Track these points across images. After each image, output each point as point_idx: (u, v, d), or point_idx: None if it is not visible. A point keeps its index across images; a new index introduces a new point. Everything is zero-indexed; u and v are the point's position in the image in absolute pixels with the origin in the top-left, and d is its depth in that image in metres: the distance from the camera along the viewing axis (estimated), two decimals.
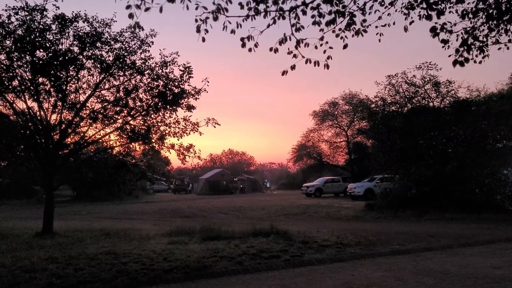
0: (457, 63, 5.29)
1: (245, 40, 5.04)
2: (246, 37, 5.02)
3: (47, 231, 12.53)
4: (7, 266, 7.76)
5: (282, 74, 5.49)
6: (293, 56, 5.36)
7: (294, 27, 5.17)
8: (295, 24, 5.15)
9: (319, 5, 5.16)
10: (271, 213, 20.96)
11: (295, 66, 5.42)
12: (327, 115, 41.92)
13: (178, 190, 53.98)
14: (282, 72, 5.48)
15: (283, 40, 5.17)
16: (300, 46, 5.25)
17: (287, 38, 5.17)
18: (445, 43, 5.45)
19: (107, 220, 18.82)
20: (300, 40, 5.24)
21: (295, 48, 5.29)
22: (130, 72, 13.30)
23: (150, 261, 8.18)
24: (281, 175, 75.37)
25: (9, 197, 36.48)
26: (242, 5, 4.92)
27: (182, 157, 14.10)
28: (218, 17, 4.72)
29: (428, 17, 5.23)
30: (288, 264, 8.22)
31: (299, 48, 5.28)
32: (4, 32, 11.66)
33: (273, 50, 5.27)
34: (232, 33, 4.97)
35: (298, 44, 5.25)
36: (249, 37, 5.02)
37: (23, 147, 13.27)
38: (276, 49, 5.27)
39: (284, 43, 5.19)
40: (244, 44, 5.05)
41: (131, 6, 4.34)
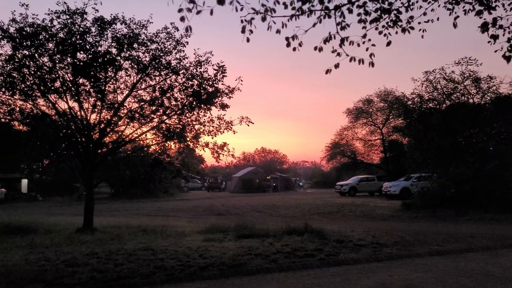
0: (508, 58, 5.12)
1: (290, 39, 5.06)
2: (291, 37, 5.05)
3: (88, 227, 12.96)
4: (51, 260, 8.09)
5: (326, 72, 5.46)
6: (337, 54, 5.33)
7: (340, 26, 5.15)
8: (340, 22, 5.13)
9: (365, 3, 5.13)
10: (304, 211, 20.86)
11: (339, 65, 5.38)
12: (361, 112, 41.27)
13: (211, 188, 54.55)
14: (326, 71, 5.46)
15: (328, 38, 5.15)
16: (345, 44, 5.21)
17: (332, 37, 5.15)
18: (495, 39, 5.27)
19: (143, 217, 19.26)
20: (344, 38, 5.21)
21: (339, 46, 5.26)
22: (166, 72, 13.55)
23: (186, 257, 8.33)
24: (314, 173, 74.79)
25: (51, 194, 37.99)
26: (286, 5, 4.94)
27: (216, 155, 14.25)
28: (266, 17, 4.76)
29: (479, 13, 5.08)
30: (323, 263, 8.18)
31: (343, 46, 5.25)
32: (47, 36, 12.14)
33: (318, 49, 5.27)
34: (277, 33, 5.01)
35: (343, 42, 5.21)
36: (294, 36, 5.04)
37: (65, 146, 13.78)
38: (320, 48, 5.27)
39: (329, 41, 5.17)
40: (289, 44, 5.08)
41: (182, 10, 4.42)
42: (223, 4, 4.48)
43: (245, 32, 4.87)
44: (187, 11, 4.44)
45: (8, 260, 8.20)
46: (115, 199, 36.36)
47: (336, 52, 5.34)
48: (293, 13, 4.96)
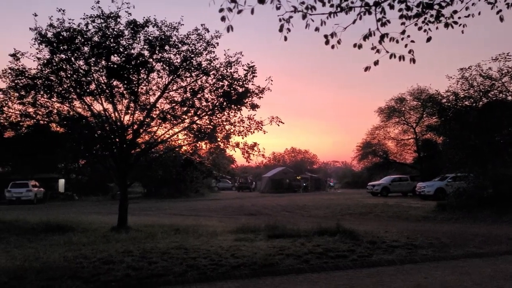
0: None
1: (328, 37, 5.02)
2: (330, 34, 5.01)
3: (122, 226, 13.27)
4: (88, 258, 8.33)
5: (365, 70, 5.37)
6: (376, 51, 5.25)
7: (380, 22, 5.07)
8: (380, 18, 5.05)
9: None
10: (335, 212, 20.64)
11: (378, 62, 5.29)
12: (394, 111, 40.45)
13: (241, 188, 54.79)
14: (365, 68, 5.37)
15: (368, 35, 5.08)
16: (384, 41, 5.13)
17: (371, 33, 5.08)
18: None
19: (175, 217, 19.54)
20: (384, 34, 5.12)
21: (378, 43, 5.18)
22: (196, 73, 13.69)
23: (218, 256, 8.39)
24: (345, 173, 73.92)
25: (87, 194, 39.15)
26: (324, 3, 4.91)
27: (246, 155, 14.30)
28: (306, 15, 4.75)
29: None
30: (355, 264, 8.07)
31: (382, 43, 5.16)
32: (83, 40, 12.51)
33: (357, 46, 5.21)
34: (316, 31, 4.99)
35: (382, 39, 5.13)
36: (333, 34, 5.01)
37: (100, 147, 14.15)
38: (360, 45, 5.20)
39: (368, 38, 5.10)
40: (327, 41, 5.04)
41: (224, 10, 4.45)
42: (263, 3, 4.49)
43: (282, 30, 4.87)
44: (228, 10, 4.46)
45: (48, 257, 8.49)
46: (148, 198, 37.07)
47: (376, 49, 5.25)
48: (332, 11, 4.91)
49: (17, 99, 12.77)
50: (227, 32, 4.57)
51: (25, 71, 12.71)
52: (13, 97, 12.77)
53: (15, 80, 12.68)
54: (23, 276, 6.94)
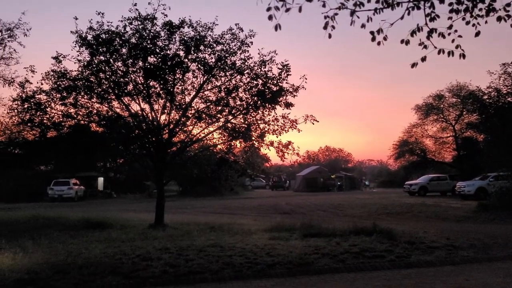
0: None
1: (375, 33, 4.96)
2: (376, 31, 4.95)
3: (159, 223, 13.54)
4: (127, 254, 8.55)
5: (411, 66, 5.26)
6: (424, 47, 5.13)
7: (429, 17, 4.95)
8: (429, 13, 4.93)
9: None
10: (371, 211, 20.29)
11: (426, 58, 5.17)
12: (432, 108, 39.28)
13: (275, 187, 54.74)
14: (412, 64, 5.26)
15: (416, 30, 4.98)
16: (432, 36, 5.00)
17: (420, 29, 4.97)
18: None
19: (210, 215, 19.76)
20: (433, 29, 5.00)
21: (426, 38, 5.06)
22: (231, 73, 13.80)
23: (254, 255, 8.42)
24: (380, 172, 72.57)
25: (124, 192, 40.22)
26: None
27: (281, 154, 14.29)
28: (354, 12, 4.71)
29: None
30: (393, 265, 7.91)
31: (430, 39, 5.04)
32: (121, 41, 12.84)
33: (405, 42, 5.12)
34: (362, 27, 4.93)
35: (431, 34, 5.01)
36: (379, 30, 4.94)
37: (137, 146, 14.49)
38: (407, 41, 5.11)
39: (416, 34, 4.99)
40: (374, 38, 4.98)
41: (271, 8, 4.48)
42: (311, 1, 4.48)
43: (327, 28, 4.84)
44: (275, 9, 4.47)
45: (89, 253, 8.79)
46: (183, 196, 37.65)
47: (423, 45, 5.13)
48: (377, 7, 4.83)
49: (59, 100, 13.26)
50: (275, 31, 4.59)
51: (66, 73, 13.19)
52: (56, 98, 13.27)
53: (57, 82, 13.17)
54: (66, 271, 7.21)
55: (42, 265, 7.53)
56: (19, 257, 7.98)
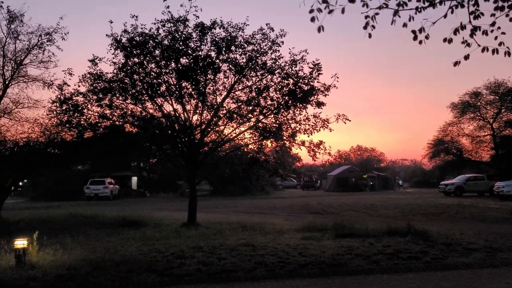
0: None
1: (417, 32, 4.91)
2: (418, 29, 4.89)
3: (192, 222, 13.73)
4: (161, 252, 8.74)
5: (454, 64, 5.16)
6: (467, 45, 5.03)
7: (473, 15, 4.85)
8: (474, 11, 4.83)
9: None
10: (405, 212, 19.87)
11: (469, 56, 5.06)
12: (468, 106, 38.04)
13: (306, 187, 54.45)
14: (455, 63, 5.16)
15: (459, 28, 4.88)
16: (476, 34, 4.89)
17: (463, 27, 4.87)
18: None
19: (242, 214, 19.86)
20: (476, 27, 4.89)
21: (470, 36, 4.95)
22: (262, 73, 13.83)
23: (286, 254, 8.42)
24: (414, 172, 70.90)
25: (157, 191, 40.98)
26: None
27: (312, 153, 14.21)
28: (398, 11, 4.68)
29: None
30: (429, 267, 7.74)
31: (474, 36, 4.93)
32: (154, 43, 13.10)
33: (447, 40, 5.04)
34: (404, 26, 4.88)
35: (474, 32, 4.90)
36: (421, 29, 4.88)
37: (170, 146, 14.75)
38: (450, 39, 5.02)
39: (459, 32, 4.89)
40: (416, 37, 4.92)
41: (313, 10, 4.50)
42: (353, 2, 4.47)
43: (367, 28, 4.83)
44: (318, 11, 4.49)
45: (125, 250, 9.03)
46: (214, 196, 38.01)
47: (466, 43, 5.02)
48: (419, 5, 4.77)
49: (95, 102, 13.66)
50: (318, 32, 4.58)
51: (102, 75, 13.57)
52: (92, 100, 13.68)
53: (94, 84, 13.58)
54: (104, 267, 7.44)
55: (81, 262, 7.80)
56: (59, 254, 8.28)
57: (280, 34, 13.54)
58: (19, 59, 14.90)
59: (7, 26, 14.34)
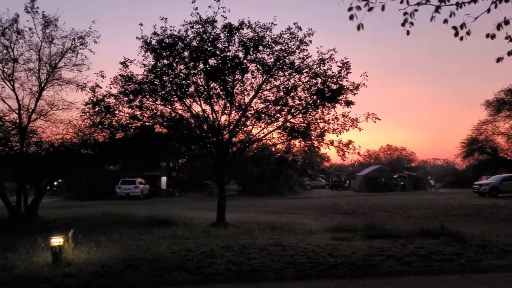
0: None
1: (458, 28, 4.82)
2: (459, 26, 4.80)
3: (221, 222, 13.83)
4: (192, 251, 8.84)
5: (497, 61, 5.04)
6: (510, 40, 4.89)
7: None
8: None
9: None
10: (438, 212, 19.38)
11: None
12: (504, 104, 36.75)
13: (335, 187, 53.94)
14: (497, 59, 5.04)
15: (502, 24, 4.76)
16: None
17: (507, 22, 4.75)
18: None
19: (270, 214, 19.85)
20: None
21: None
22: (289, 72, 13.80)
23: (316, 255, 8.37)
24: (446, 172, 69.13)
25: (186, 190, 41.45)
26: None
27: (341, 153, 14.08)
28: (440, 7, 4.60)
29: None
30: (463, 269, 7.54)
31: None
32: (183, 45, 13.26)
33: (490, 36, 4.92)
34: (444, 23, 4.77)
35: None
36: (463, 25, 4.79)
37: (198, 146, 14.90)
38: (493, 35, 4.91)
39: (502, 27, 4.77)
40: (457, 33, 4.83)
41: (352, 8, 4.49)
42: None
43: (405, 25, 4.77)
44: (357, 9, 4.47)
45: (157, 249, 9.18)
46: (242, 196, 38.14)
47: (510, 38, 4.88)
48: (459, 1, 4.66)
49: (126, 103, 13.96)
50: (358, 30, 4.55)
51: (133, 77, 13.85)
52: (123, 101, 13.98)
53: (125, 85, 13.87)
54: (137, 265, 7.59)
55: (115, 259, 7.98)
56: (93, 251, 8.49)
57: (308, 33, 13.48)
58: (54, 63, 15.33)
59: (42, 31, 14.76)
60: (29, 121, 15.08)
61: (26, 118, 15.05)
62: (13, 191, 16.06)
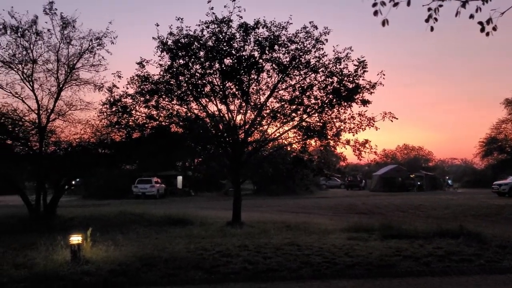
0: None
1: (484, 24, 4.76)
2: (485, 21, 4.74)
3: (236, 221, 13.85)
4: (208, 250, 8.87)
5: None
6: None
7: None
8: None
9: None
10: (456, 212, 19.10)
11: None
12: None
13: (350, 186, 53.60)
14: None
15: None
16: None
17: None
18: None
19: (286, 213, 19.82)
20: None
21: None
22: (305, 71, 13.75)
23: (332, 255, 8.32)
24: (465, 171, 68.03)
25: (201, 190, 41.69)
26: None
27: (357, 153, 13.99)
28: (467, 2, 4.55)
29: None
30: (483, 270, 7.41)
31: None
32: (199, 45, 13.32)
33: None
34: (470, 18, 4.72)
35: None
36: (489, 20, 4.73)
37: (214, 146, 14.95)
38: None
39: None
40: (483, 29, 4.76)
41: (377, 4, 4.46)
42: None
43: (429, 21, 4.72)
44: (381, 4, 4.44)
45: (173, 248, 9.25)
46: (257, 195, 38.14)
47: None
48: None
49: (143, 103, 14.09)
50: (383, 26, 4.51)
51: (149, 77, 13.96)
52: (140, 101, 14.11)
53: (141, 85, 14.00)
54: (153, 264, 7.66)
55: (132, 258, 8.06)
56: (111, 250, 8.60)
57: (324, 32, 13.41)
58: (72, 63, 15.56)
59: (60, 32, 14.99)
60: (48, 121, 15.34)
61: (45, 118, 15.32)
62: (32, 190, 16.36)
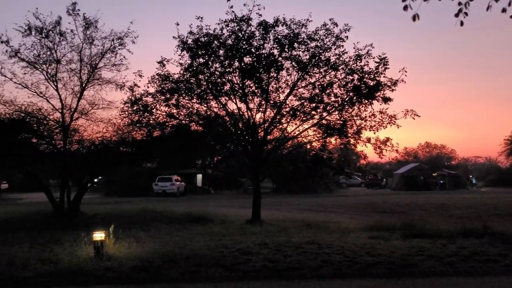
0: None
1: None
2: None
3: (256, 219, 13.87)
4: (228, 248, 8.91)
5: None
6: None
7: None
8: None
9: None
10: (480, 212, 18.69)
11: None
12: None
13: (371, 185, 53.05)
14: None
15: None
16: None
17: None
18: None
19: (305, 212, 19.74)
20: None
21: None
22: (325, 69, 13.65)
23: (353, 253, 8.26)
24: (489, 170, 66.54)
25: (221, 188, 41.88)
26: None
27: (379, 151, 13.84)
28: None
29: None
30: (508, 271, 7.25)
31: None
32: (219, 43, 13.36)
33: None
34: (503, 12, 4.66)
35: None
36: None
37: (233, 144, 15.00)
38: None
39: None
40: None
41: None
42: None
43: (459, 15, 4.65)
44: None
45: (194, 245, 9.33)
46: (277, 193, 38.10)
47: None
48: None
49: (163, 102, 14.23)
50: (413, 21, 4.46)
51: (169, 76, 14.08)
52: (160, 100, 14.25)
53: (162, 84, 14.13)
54: (174, 261, 7.73)
55: (153, 255, 8.16)
56: (133, 246, 8.72)
57: (344, 29, 13.29)
58: (94, 63, 15.82)
59: (83, 32, 15.26)
60: (71, 120, 15.64)
61: (68, 117, 15.62)
62: (56, 187, 16.70)
